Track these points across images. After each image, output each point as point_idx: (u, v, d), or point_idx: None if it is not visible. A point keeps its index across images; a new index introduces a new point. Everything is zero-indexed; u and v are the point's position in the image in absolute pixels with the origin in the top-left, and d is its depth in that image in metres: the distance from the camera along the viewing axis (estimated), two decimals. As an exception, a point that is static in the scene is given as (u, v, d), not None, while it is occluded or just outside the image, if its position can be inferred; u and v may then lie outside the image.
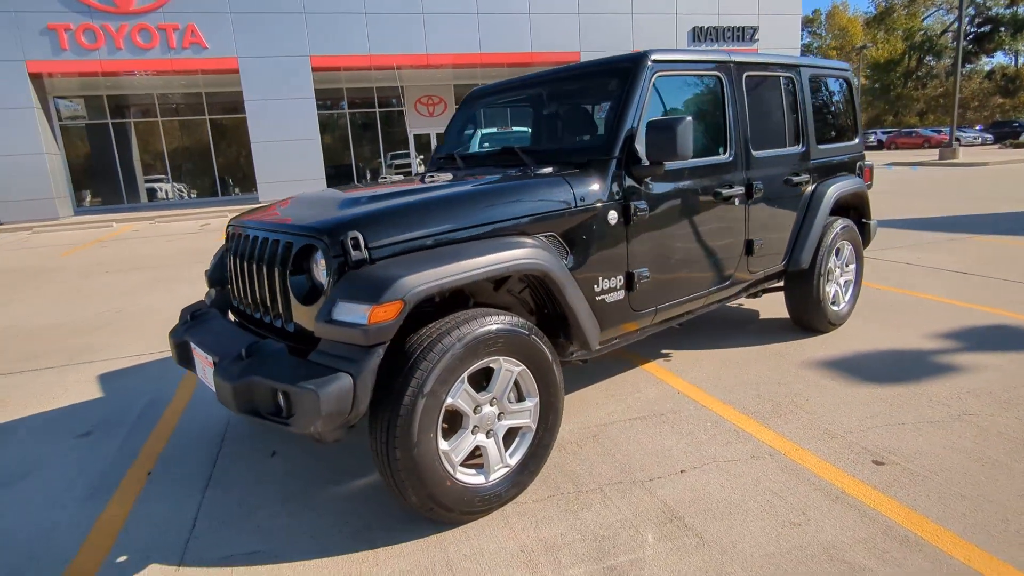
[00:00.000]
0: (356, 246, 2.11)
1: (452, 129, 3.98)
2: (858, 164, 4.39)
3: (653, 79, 2.95)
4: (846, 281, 4.30)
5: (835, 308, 4.16)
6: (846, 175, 4.20)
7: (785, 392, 3.29)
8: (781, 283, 4.14)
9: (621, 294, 2.86)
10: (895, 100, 53.68)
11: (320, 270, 2.18)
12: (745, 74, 3.43)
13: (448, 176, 2.95)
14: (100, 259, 10.18)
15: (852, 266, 4.30)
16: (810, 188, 3.89)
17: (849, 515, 2.21)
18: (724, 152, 3.31)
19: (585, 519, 2.29)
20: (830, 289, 4.11)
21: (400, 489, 2.12)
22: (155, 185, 22.92)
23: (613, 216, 2.77)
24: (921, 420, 2.89)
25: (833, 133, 4.23)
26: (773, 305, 4.76)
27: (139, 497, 2.66)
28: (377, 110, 22.87)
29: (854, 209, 4.44)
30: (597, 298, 2.77)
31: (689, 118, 2.69)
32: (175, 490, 2.70)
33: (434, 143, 22.22)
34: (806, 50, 56.37)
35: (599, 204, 2.71)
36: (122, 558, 2.24)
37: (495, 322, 2.22)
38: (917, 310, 4.57)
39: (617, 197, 2.78)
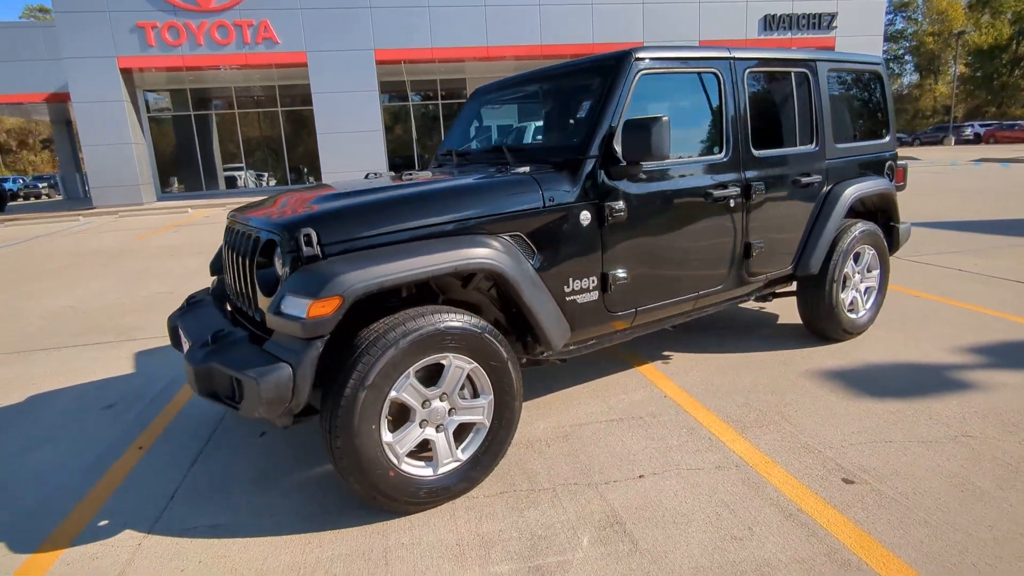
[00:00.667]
0: (308, 242, 2.21)
1: (456, 125, 4.04)
2: (887, 164, 4.14)
3: (637, 78, 2.90)
4: (867, 288, 4.08)
5: (852, 316, 3.95)
6: (870, 176, 3.97)
7: (776, 402, 3.18)
8: (794, 287, 3.98)
9: (595, 295, 2.85)
10: (999, 90, 49.46)
11: (279, 264, 2.30)
12: (748, 71, 3.30)
13: (427, 174, 3.01)
14: (170, 243, 10.91)
15: (875, 272, 4.06)
16: (825, 189, 3.71)
17: (796, 533, 2.13)
18: (720, 152, 3.21)
19: (528, 518, 2.32)
20: (846, 296, 3.91)
21: (343, 476, 2.22)
22: (233, 173, 24.23)
23: (586, 216, 2.75)
24: (912, 439, 2.73)
25: (857, 131, 4.00)
26: (793, 310, 4.57)
27: (135, 467, 2.88)
28: (440, 101, 23.24)
29: (881, 212, 4.20)
30: (568, 299, 2.76)
31: (665, 117, 2.64)
32: (166, 463, 2.91)
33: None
34: (898, 36, 52.85)
35: (570, 204, 2.70)
36: (103, 522, 2.45)
37: (443, 320, 2.27)
38: (953, 321, 4.27)
39: (591, 197, 2.76)
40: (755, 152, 3.34)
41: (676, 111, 3.22)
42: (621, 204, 2.83)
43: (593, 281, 2.83)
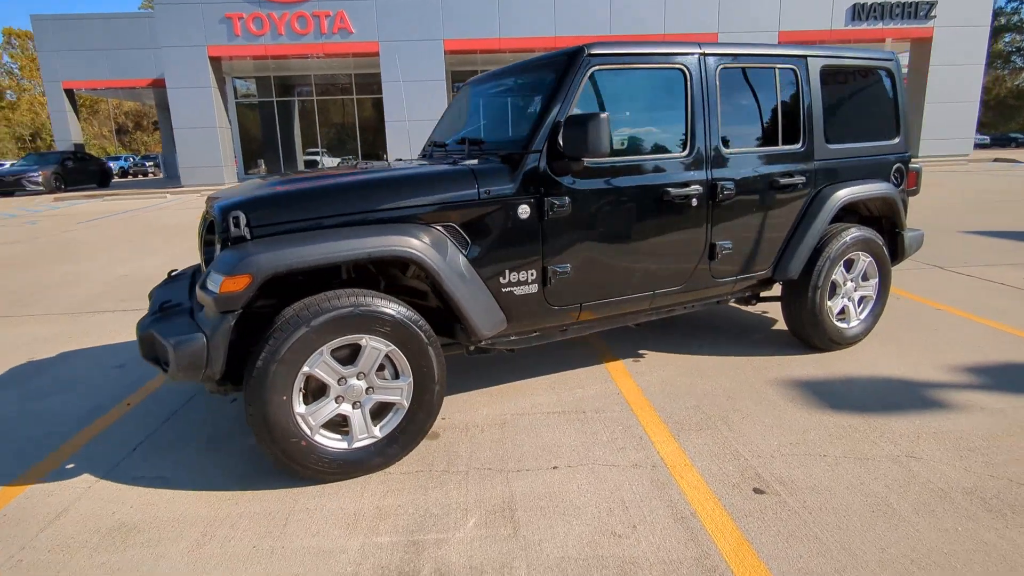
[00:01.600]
0: (236, 224, 2.39)
1: (445, 116, 4.14)
2: (895, 167, 3.90)
3: (589, 73, 2.90)
4: (863, 297, 3.87)
5: (842, 325, 3.77)
6: (869, 179, 3.75)
7: (727, 407, 3.12)
8: (779, 291, 3.85)
9: (534, 288, 2.89)
10: None
11: (217, 244, 2.50)
12: (721, 67, 3.22)
13: (383, 164, 3.14)
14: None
15: (872, 281, 3.85)
16: (812, 191, 3.55)
17: (678, 536, 2.13)
18: (684, 150, 3.16)
19: (430, 496, 2.42)
20: (835, 304, 3.74)
21: (258, 442, 2.40)
22: (312, 157, 25.41)
23: (525, 210, 2.80)
24: (849, 455, 2.62)
25: (858, 131, 3.79)
26: (792, 316, 4.40)
27: (117, 420, 3.21)
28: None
29: (886, 218, 3.96)
30: (504, 290, 2.83)
31: (604, 114, 2.64)
32: (143, 419, 3.22)
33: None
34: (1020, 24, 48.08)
35: (508, 197, 2.76)
36: (70, 465, 2.76)
37: (358, 302, 2.40)
38: (963, 338, 3.98)
39: (531, 191, 2.80)
40: (726, 151, 3.26)
41: (636, 108, 3.20)
42: (565, 199, 2.86)
43: (532, 274, 2.87)
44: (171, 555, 2.12)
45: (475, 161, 2.93)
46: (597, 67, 2.93)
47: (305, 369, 2.38)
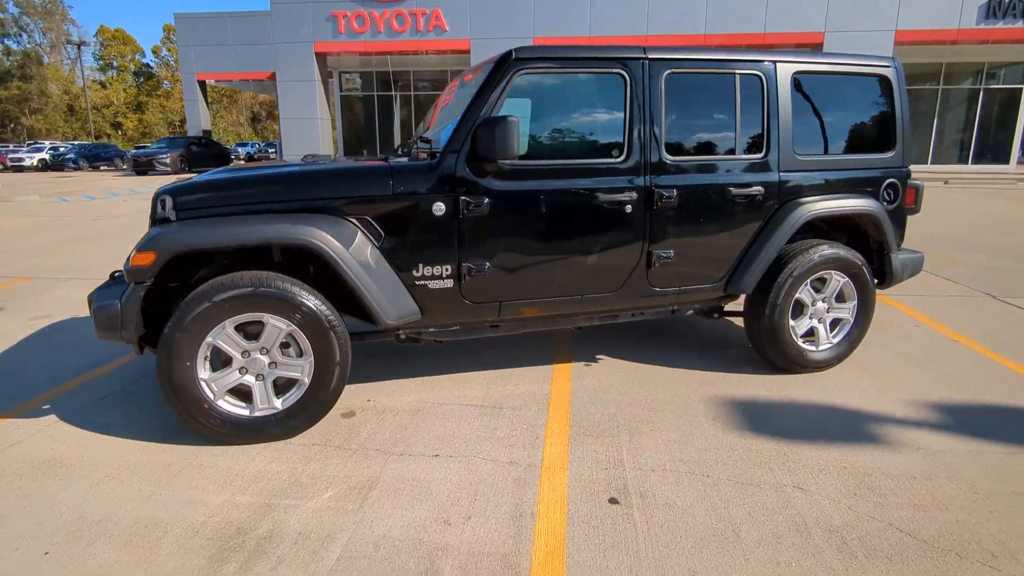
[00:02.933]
0: (163, 207, 2.70)
1: (430, 113, 4.30)
2: (888, 182, 3.61)
3: (514, 77, 2.95)
4: (837, 320, 3.62)
5: (808, 347, 3.56)
6: (849, 194, 3.50)
7: (643, 418, 3.06)
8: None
9: (449, 283, 3.00)
10: None
11: (148, 223, 2.83)
12: (667, 72, 3.15)
13: (343, 158, 3.35)
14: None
15: (850, 304, 3.59)
16: (775, 203, 3.38)
17: (503, 533, 2.18)
18: (619, 156, 3.13)
19: (309, 467, 2.61)
20: (800, 324, 3.53)
21: (167, 401, 2.69)
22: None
23: (440, 207, 2.91)
24: (734, 478, 2.52)
25: (840, 143, 3.55)
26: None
27: (105, 373, 3.67)
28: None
29: (872, 237, 3.67)
30: (418, 283, 2.96)
31: (513, 118, 2.71)
32: (125, 374, 3.66)
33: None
34: None
35: (421, 194, 2.89)
36: (46, 406, 3.22)
37: (259, 283, 2.63)
38: (954, 372, 3.61)
39: (447, 189, 2.91)
40: (671, 158, 3.19)
41: (573, 112, 3.20)
42: (483, 199, 2.94)
43: (447, 269, 2.98)
44: (73, 488, 2.45)
45: (406, 159, 3.08)
46: (525, 71, 2.98)
47: (209, 340, 2.64)
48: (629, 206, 3.13)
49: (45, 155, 31.14)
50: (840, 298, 3.61)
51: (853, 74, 3.52)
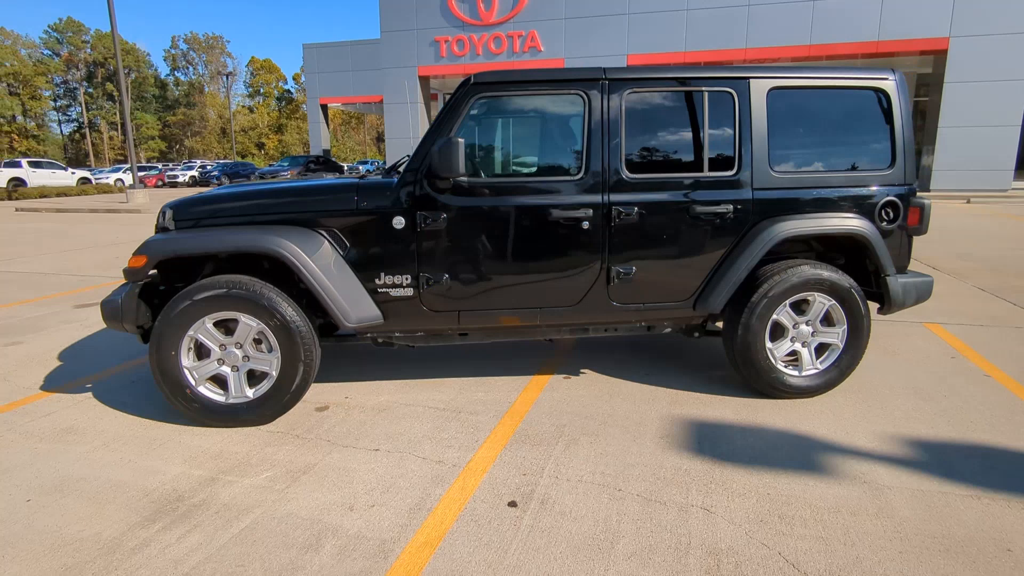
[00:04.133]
0: (163, 217, 3.16)
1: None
2: (884, 201, 3.39)
3: (472, 102, 3.15)
4: (823, 344, 3.44)
5: (790, 372, 3.41)
6: (835, 212, 3.34)
7: (587, 430, 3.10)
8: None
9: (410, 292, 3.23)
10: None
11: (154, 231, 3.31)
12: (628, 91, 3.20)
13: (330, 174, 3.71)
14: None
15: (839, 329, 3.40)
16: (748, 221, 3.30)
17: (394, 522, 2.35)
18: (578, 173, 3.22)
19: (263, 451, 2.93)
20: (779, 347, 3.40)
21: (155, 383, 3.13)
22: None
23: (400, 221, 3.16)
24: (644, 494, 2.52)
25: (828, 159, 3.39)
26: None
27: (142, 363, 4.25)
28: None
29: (869, 259, 3.46)
30: (380, 290, 3.22)
31: (454, 140, 2.92)
32: (112, 359, 4.21)
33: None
34: None
35: (383, 209, 3.15)
36: (88, 385, 3.81)
37: (233, 285, 3.00)
38: (960, 407, 3.29)
39: (406, 205, 3.16)
40: (631, 175, 3.23)
41: (534, 132, 3.34)
42: (440, 214, 3.15)
43: (407, 279, 3.22)
44: (73, 452, 2.93)
45: (379, 176, 3.36)
46: (484, 95, 3.16)
47: (191, 333, 3.05)
48: (587, 223, 3.21)
49: (195, 172, 35.22)
50: (828, 322, 3.43)
51: (843, 88, 3.36)
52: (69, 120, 73.85)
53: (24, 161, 27.06)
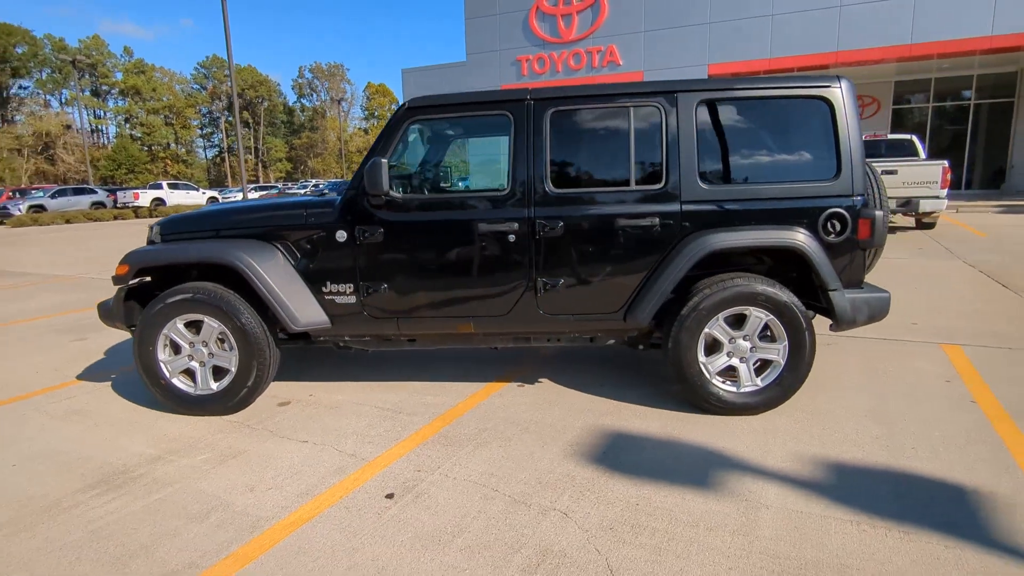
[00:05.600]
0: (152, 232, 3.68)
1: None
2: (828, 212, 3.24)
3: (408, 125, 3.40)
4: (764, 361, 3.34)
5: (726, 388, 3.34)
6: (771, 225, 3.24)
7: (504, 435, 3.22)
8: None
9: (352, 299, 3.53)
10: None
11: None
12: (552, 110, 3.32)
13: (300, 192, 4.09)
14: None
15: (780, 345, 3.29)
16: (677, 234, 3.30)
17: (278, 503, 2.62)
18: (504, 189, 3.37)
19: (213, 437, 3.32)
20: (714, 362, 3.34)
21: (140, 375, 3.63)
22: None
23: (342, 235, 3.47)
24: (515, 496, 2.62)
25: (764, 171, 3.30)
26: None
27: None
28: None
29: (815, 274, 3.31)
30: (327, 297, 3.55)
31: (379, 160, 3.21)
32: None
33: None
34: None
35: (327, 224, 3.48)
36: (114, 375, 4.43)
37: (196, 290, 3.44)
38: (906, 436, 3.06)
39: (347, 220, 3.46)
40: (556, 190, 3.34)
41: (464, 152, 3.53)
42: (378, 228, 3.43)
43: (350, 287, 3.52)
44: (70, 430, 3.48)
45: (333, 194, 3.70)
46: (419, 118, 3.41)
47: (164, 331, 3.52)
48: (512, 236, 3.35)
49: (310, 190, 38.25)
50: (770, 338, 3.33)
51: (781, 98, 3.28)
52: (212, 146, 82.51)
53: (164, 183, 30.72)
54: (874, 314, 3.32)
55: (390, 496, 2.66)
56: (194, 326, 3.55)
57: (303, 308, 3.51)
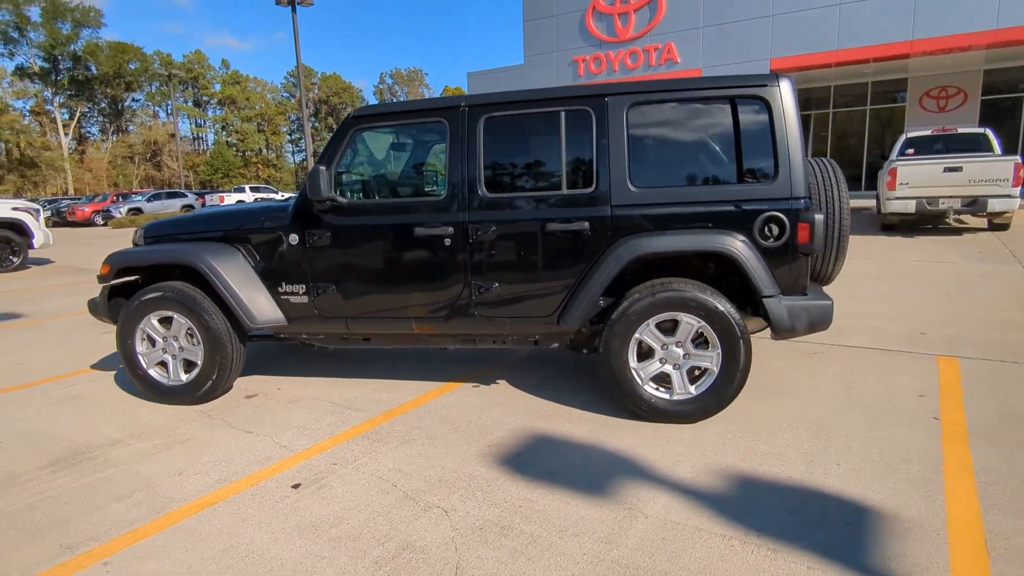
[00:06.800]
0: (137, 236, 4.03)
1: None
2: (765, 216, 3.12)
3: (353, 134, 3.55)
4: (698, 368, 3.25)
5: (658, 395, 3.28)
6: (704, 229, 3.15)
7: (432, 433, 3.31)
8: (606, 346, 3.55)
9: (304, 299, 3.73)
10: None
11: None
12: (486, 116, 3.37)
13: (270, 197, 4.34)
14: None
15: (713, 352, 3.19)
16: (608, 238, 3.27)
17: (193, 487, 2.83)
18: (441, 193, 3.46)
19: (173, 424, 3.60)
20: (646, 368, 3.29)
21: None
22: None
23: (294, 238, 3.68)
24: (410, 493, 2.71)
25: (698, 174, 3.21)
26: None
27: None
28: (868, 108, 20.07)
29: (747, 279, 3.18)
30: (282, 296, 3.77)
31: (319, 168, 3.40)
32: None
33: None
34: None
35: (280, 228, 3.69)
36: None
37: (166, 289, 3.74)
38: (833, 454, 2.90)
39: (299, 224, 3.66)
40: (489, 195, 3.39)
41: (406, 158, 3.64)
42: (325, 232, 3.61)
43: (302, 287, 3.71)
44: (60, 413, 3.87)
45: (293, 198, 3.92)
46: (363, 127, 3.56)
47: (141, 326, 3.85)
48: (448, 240, 3.44)
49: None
50: (705, 345, 3.24)
51: (714, 99, 3.18)
52: (299, 151, 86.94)
53: (247, 187, 32.74)
54: (815, 322, 3.16)
55: (296, 486, 2.81)
56: (167, 322, 3.85)
57: (260, 307, 3.73)
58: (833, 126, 20.46)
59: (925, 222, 11.76)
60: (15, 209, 11.43)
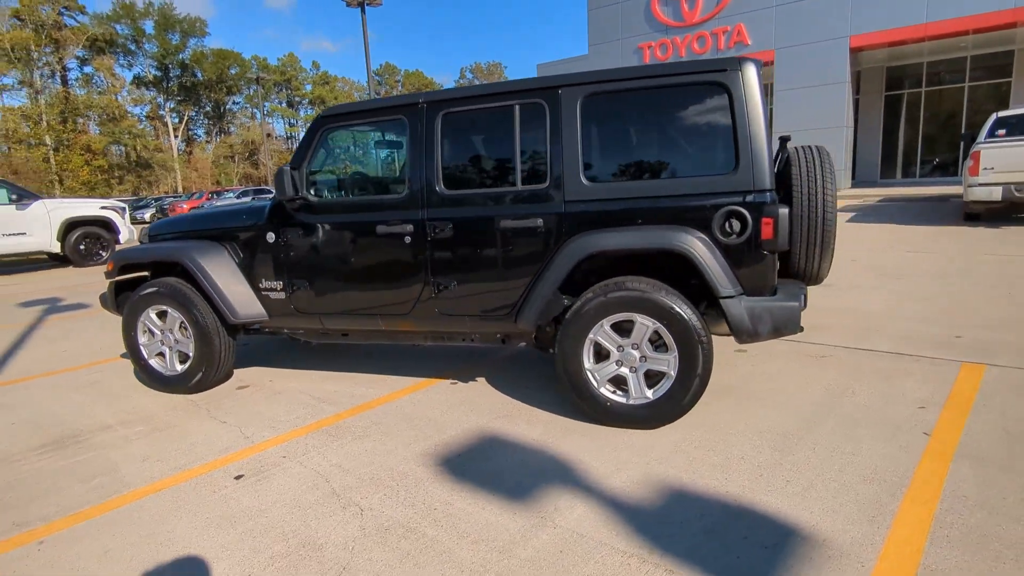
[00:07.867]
0: (144, 234, 4.31)
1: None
2: (725, 211, 2.90)
3: (323, 133, 3.62)
4: (655, 372, 3.08)
5: (616, 399, 3.14)
6: (660, 224, 2.97)
7: (387, 430, 3.33)
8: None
9: (282, 295, 3.85)
10: None
11: None
12: (444, 112, 3.33)
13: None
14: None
15: (669, 355, 3.02)
16: (562, 236, 3.16)
17: (150, 473, 3.00)
18: (401, 191, 3.46)
19: (162, 412, 3.83)
20: (602, 370, 3.16)
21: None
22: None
23: (271, 236, 3.80)
24: (340, 489, 2.74)
25: (656, 167, 3.02)
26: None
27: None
28: (967, 84, 18.24)
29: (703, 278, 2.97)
30: (263, 292, 3.91)
31: (281, 168, 3.47)
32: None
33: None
34: None
35: (259, 226, 3.83)
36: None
37: (160, 285, 3.98)
38: (788, 468, 2.66)
39: (274, 222, 3.78)
40: (447, 191, 3.36)
41: (372, 156, 3.66)
42: (298, 230, 3.71)
43: (280, 284, 3.84)
44: (73, 397, 4.21)
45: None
46: (331, 126, 3.62)
47: (141, 319, 4.11)
48: (408, 237, 3.44)
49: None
50: (663, 347, 3.07)
51: (672, 87, 2.98)
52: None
53: (327, 183, 34.20)
54: (779, 325, 2.91)
55: (239, 477, 2.92)
56: (163, 316, 4.09)
57: (243, 302, 3.89)
58: (925, 106, 18.79)
59: (1016, 210, 10.58)
60: (104, 208, 12.50)
